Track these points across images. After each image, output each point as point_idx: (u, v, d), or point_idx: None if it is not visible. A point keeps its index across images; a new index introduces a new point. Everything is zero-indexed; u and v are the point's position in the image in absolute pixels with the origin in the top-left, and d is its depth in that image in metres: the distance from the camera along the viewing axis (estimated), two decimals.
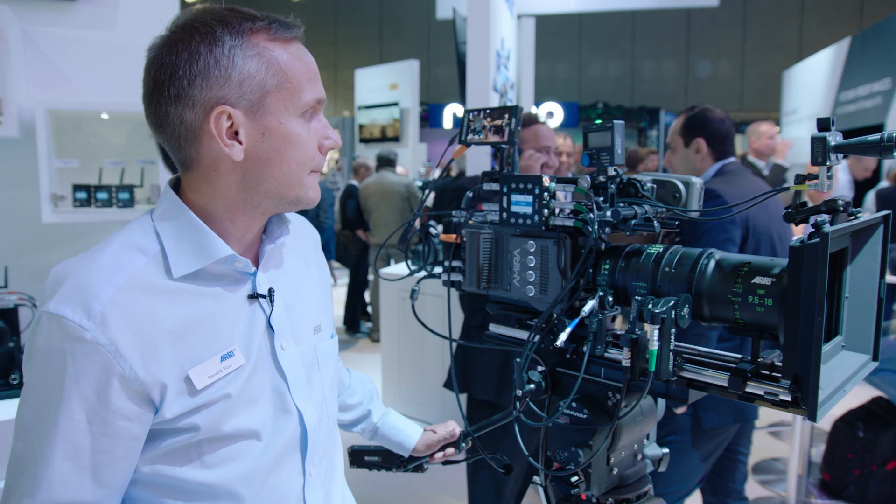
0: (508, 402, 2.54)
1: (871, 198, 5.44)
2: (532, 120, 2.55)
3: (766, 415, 4.52)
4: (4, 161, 2.49)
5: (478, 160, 3.82)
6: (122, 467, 0.97)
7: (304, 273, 1.21)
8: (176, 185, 1.06)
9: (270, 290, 1.07)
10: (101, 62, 2.58)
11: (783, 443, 4.32)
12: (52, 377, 0.92)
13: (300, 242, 1.24)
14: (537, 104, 14.13)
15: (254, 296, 1.05)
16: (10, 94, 2.27)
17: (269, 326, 1.07)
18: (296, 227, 1.23)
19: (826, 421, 3.63)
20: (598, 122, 1.02)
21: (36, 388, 0.94)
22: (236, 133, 0.97)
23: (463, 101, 4.73)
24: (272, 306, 1.07)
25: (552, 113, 15.59)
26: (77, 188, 2.48)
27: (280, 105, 0.99)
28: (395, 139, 10.21)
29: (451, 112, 15.84)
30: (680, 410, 2.38)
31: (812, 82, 10.10)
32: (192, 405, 0.97)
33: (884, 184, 5.72)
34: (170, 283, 0.98)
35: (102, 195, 2.51)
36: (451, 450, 1.50)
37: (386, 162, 6.94)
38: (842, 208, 0.83)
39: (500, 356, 2.49)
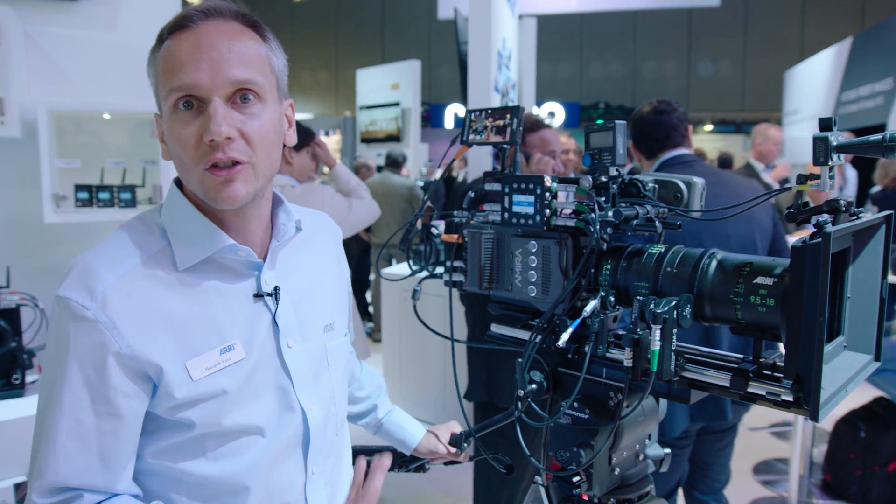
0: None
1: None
2: (539, 125, 2.55)
3: (767, 415, 4.52)
4: (6, 161, 2.49)
5: (479, 161, 3.82)
6: (127, 450, 0.99)
7: (320, 271, 1.22)
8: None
9: (276, 288, 1.08)
10: (102, 62, 2.59)
11: (785, 443, 4.32)
12: (60, 357, 0.95)
13: (320, 240, 1.25)
14: (539, 104, 14.11)
15: (259, 294, 1.06)
16: (12, 94, 2.27)
17: (275, 323, 1.08)
18: (317, 225, 1.25)
19: (828, 421, 3.63)
20: (600, 122, 1.02)
21: (47, 370, 0.98)
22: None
23: (464, 101, 4.74)
24: (277, 304, 1.08)
25: (553, 113, 15.58)
26: (79, 188, 2.48)
27: (162, 97, 0.99)
28: (397, 139, 10.22)
29: (453, 112, 15.85)
30: None
31: (814, 82, 10.09)
32: (189, 396, 0.98)
33: (877, 187, 5.72)
34: (173, 275, 1.00)
35: (104, 195, 2.51)
36: (452, 449, 1.50)
37: (392, 162, 6.96)
38: (844, 208, 0.83)
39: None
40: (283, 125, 1.07)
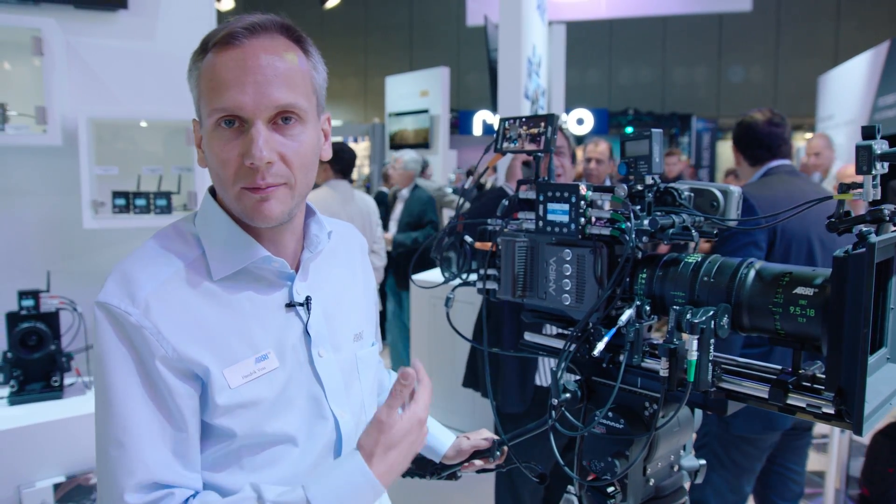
0: (534, 410, 2.53)
1: None
2: None
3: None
4: (48, 169, 2.55)
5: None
6: (195, 448, 0.99)
7: (349, 281, 1.23)
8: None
9: (308, 299, 1.09)
10: (140, 72, 2.65)
11: (821, 456, 4.23)
12: (114, 364, 0.96)
13: (347, 250, 1.26)
14: (568, 111, 14.05)
15: (291, 304, 1.08)
16: (54, 103, 2.33)
17: (307, 333, 1.09)
18: (344, 235, 1.26)
19: (865, 434, 3.54)
20: (629, 129, 1.01)
21: (104, 378, 0.98)
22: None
23: (494, 107, 4.74)
24: (309, 314, 1.09)
25: (582, 120, 15.51)
26: (116, 195, 2.54)
27: (204, 113, 1.00)
28: (426, 146, 10.25)
29: (481, 119, 15.85)
30: None
31: (849, 87, 9.89)
32: (230, 401, 0.99)
33: None
34: (209, 284, 1.02)
35: (141, 202, 2.57)
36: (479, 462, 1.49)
37: None
38: (887, 217, 0.82)
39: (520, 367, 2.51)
40: (320, 141, 1.09)
